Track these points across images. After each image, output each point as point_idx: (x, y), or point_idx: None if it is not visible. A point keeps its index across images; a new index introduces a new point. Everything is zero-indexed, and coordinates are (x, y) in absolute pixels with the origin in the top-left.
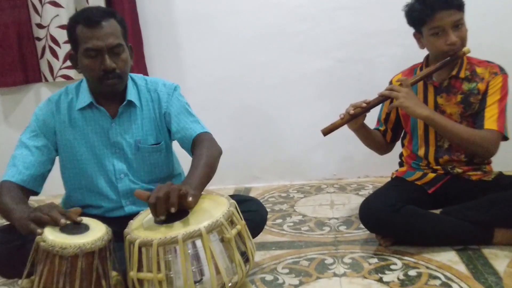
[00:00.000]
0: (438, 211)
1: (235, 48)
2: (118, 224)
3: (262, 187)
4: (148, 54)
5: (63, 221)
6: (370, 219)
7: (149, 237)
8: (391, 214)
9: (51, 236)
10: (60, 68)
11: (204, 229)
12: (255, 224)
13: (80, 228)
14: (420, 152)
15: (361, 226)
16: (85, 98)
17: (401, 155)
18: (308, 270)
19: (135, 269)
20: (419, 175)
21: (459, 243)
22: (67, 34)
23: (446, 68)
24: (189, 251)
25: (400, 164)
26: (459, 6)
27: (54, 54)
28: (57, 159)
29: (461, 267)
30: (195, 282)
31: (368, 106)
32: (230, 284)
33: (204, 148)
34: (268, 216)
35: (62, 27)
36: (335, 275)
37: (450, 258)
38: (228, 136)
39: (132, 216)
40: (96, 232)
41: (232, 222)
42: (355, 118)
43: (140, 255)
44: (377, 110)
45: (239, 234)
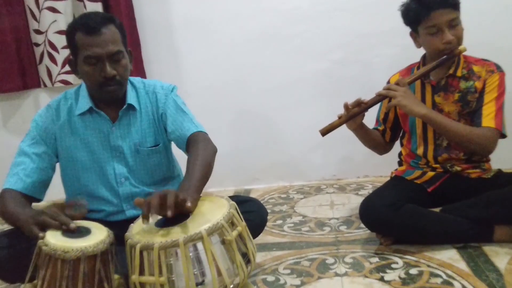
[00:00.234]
0: (438, 209)
1: (233, 51)
2: (119, 227)
3: (262, 188)
4: (146, 58)
5: (73, 225)
6: (371, 218)
7: (150, 240)
8: (391, 213)
9: (53, 240)
10: (59, 74)
11: (205, 231)
12: (256, 224)
13: (81, 232)
14: (419, 151)
15: (361, 226)
16: (84, 103)
17: (400, 154)
18: (309, 270)
19: (137, 272)
20: (418, 173)
21: (460, 241)
22: (66, 40)
23: (443, 67)
24: (190, 254)
25: (399, 163)
26: (454, 5)
27: (53, 59)
28: (57, 165)
29: (462, 265)
30: (197, 285)
31: (366, 105)
32: (232, 286)
33: (199, 148)
34: (268, 217)
35: (60, 32)
36: (337, 274)
37: (450, 256)
38: (227, 138)
39: (133, 219)
40: (98, 235)
41: (232, 224)
42: (353, 118)
43: (142, 258)
44: (375, 110)
45: (240, 235)
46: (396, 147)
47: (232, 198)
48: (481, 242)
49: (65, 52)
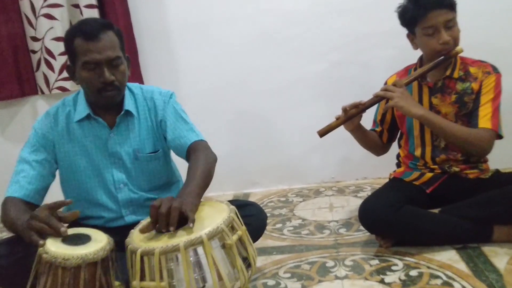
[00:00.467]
0: (437, 210)
1: (230, 54)
2: (119, 233)
3: (261, 192)
4: (143, 63)
5: (63, 229)
6: (370, 220)
7: (150, 246)
8: (391, 214)
9: (53, 247)
10: (56, 80)
11: (205, 236)
12: (256, 228)
13: (82, 239)
14: (417, 153)
15: (361, 228)
16: (82, 109)
17: (398, 155)
18: (309, 274)
19: (138, 278)
20: (416, 175)
21: (459, 242)
22: (65, 46)
23: (440, 69)
24: (191, 259)
25: (398, 165)
26: (451, 5)
27: (50, 66)
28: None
29: (461, 266)
30: None
31: (364, 106)
32: None
33: (200, 157)
34: (268, 220)
35: (57, 39)
36: (337, 277)
37: (450, 257)
38: (225, 142)
39: (133, 225)
40: (98, 242)
41: (232, 228)
42: (351, 119)
43: (142, 264)
44: (372, 111)
45: (240, 239)
46: (394, 149)
47: (231, 202)
48: (480, 242)
49: (62, 59)
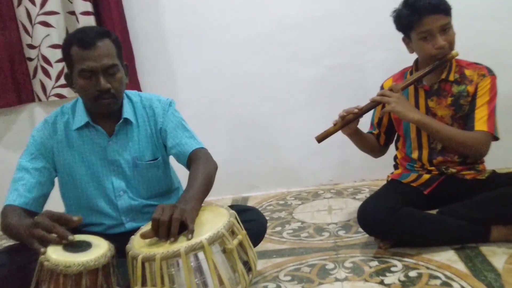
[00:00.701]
0: (435, 212)
1: (226, 60)
2: (119, 240)
3: (260, 195)
4: (140, 70)
5: (71, 237)
6: (369, 222)
7: (151, 251)
8: (389, 216)
9: (55, 255)
10: (53, 87)
11: (206, 241)
12: (256, 233)
13: (82, 246)
14: (414, 155)
15: (360, 230)
16: (81, 117)
17: (395, 157)
18: (310, 276)
19: (139, 284)
20: (414, 176)
21: (457, 242)
22: (62, 54)
23: (435, 72)
24: (192, 264)
25: (395, 167)
26: (446, 10)
27: (47, 73)
28: (56, 179)
29: (460, 266)
30: None
31: (361, 111)
32: None
33: (200, 164)
34: (267, 224)
35: (53, 46)
36: (337, 279)
37: (449, 258)
38: (223, 146)
39: (133, 232)
40: (99, 249)
41: (233, 233)
42: (348, 124)
43: (144, 270)
44: (369, 114)
45: (241, 244)
46: (392, 150)
47: (231, 207)
48: (478, 242)
49: (59, 66)
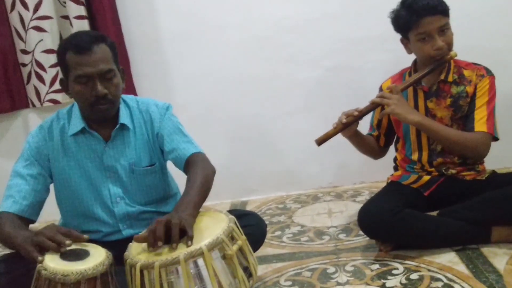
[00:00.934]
0: (435, 213)
1: (224, 62)
2: (117, 247)
3: (259, 199)
4: (135, 74)
5: (68, 242)
6: (369, 225)
7: (150, 259)
8: (390, 219)
9: (52, 263)
10: (47, 93)
11: (205, 247)
12: (255, 238)
13: (80, 254)
14: (414, 157)
15: (360, 233)
16: (77, 123)
17: (395, 159)
18: (311, 281)
19: None
20: (414, 178)
21: (458, 244)
22: (57, 59)
23: (434, 73)
24: (191, 271)
25: (395, 168)
26: (444, 11)
27: (40, 79)
28: (51, 186)
29: (461, 268)
30: None
31: (360, 114)
32: None
33: (198, 169)
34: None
35: (47, 51)
36: (338, 283)
37: (450, 259)
38: (221, 150)
39: (130, 239)
40: (97, 257)
41: (232, 238)
42: (348, 127)
43: (142, 277)
44: (369, 116)
45: (241, 249)
46: (391, 152)
47: (230, 212)
48: (479, 243)
49: (53, 71)
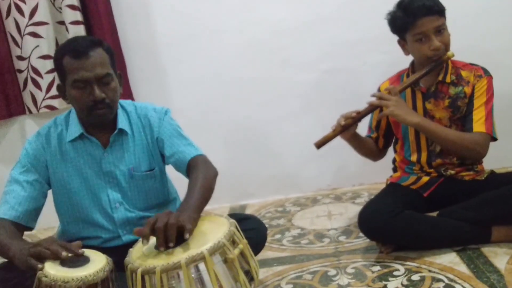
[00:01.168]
0: (435, 214)
1: (220, 66)
2: (117, 253)
3: (258, 203)
4: (132, 79)
5: (64, 254)
6: (369, 227)
7: (151, 264)
8: (390, 220)
9: (52, 270)
10: (44, 99)
11: (206, 251)
12: (256, 241)
13: (80, 261)
14: (413, 158)
15: (360, 235)
16: (75, 129)
17: (394, 160)
18: (312, 284)
19: None
20: (413, 179)
21: (458, 244)
22: (54, 65)
23: (432, 74)
24: (192, 275)
25: (394, 170)
26: (440, 11)
27: (37, 85)
28: (49, 193)
29: (462, 268)
30: None
31: (359, 116)
32: None
33: (200, 171)
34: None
35: (43, 57)
36: (340, 286)
37: (451, 260)
38: (219, 154)
39: (130, 245)
40: (97, 263)
41: (234, 242)
42: (347, 129)
43: (144, 283)
44: (367, 118)
45: (242, 253)
46: (390, 153)
47: (230, 216)
48: (479, 243)
49: (49, 77)
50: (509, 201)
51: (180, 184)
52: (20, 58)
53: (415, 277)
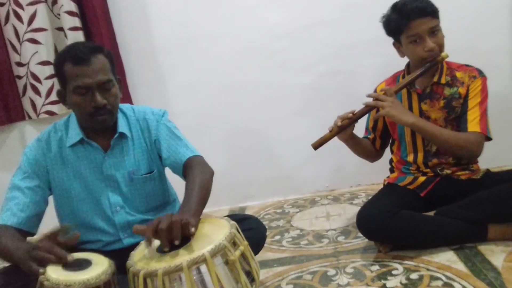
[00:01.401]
0: (432, 213)
1: (218, 71)
2: (118, 256)
3: (257, 205)
4: (131, 84)
5: (70, 258)
6: (368, 227)
7: (153, 267)
8: (388, 220)
9: (55, 274)
10: (43, 105)
11: (208, 253)
12: (256, 242)
13: (82, 264)
14: (409, 158)
15: (359, 235)
16: (75, 134)
17: (391, 161)
18: (312, 284)
19: None
20: (410, 179)
21: (456, 242)
22: (55, 71)
23: (427, 75)
24: (194, 278)
25: (391, 170)
26: (433, 13)
27: (36, 91)
28: (50, 197)
29: (460, 266)
30: None
31: (355, 117)
32: None
33: (196, 172)
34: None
35: (42, 63)
36: (339, 286)
37: (448, 258)
38: (218, 158)
39: (131, 248)
40: (99, 266)
41: (234, 244)
42: (344, 130)
43: (146, 286)
44: (364, 119)
45: (243, 254)
46: (387, 154)
47: (230, 217)
48: (476, 242)
49: (48, 83)
50: (504, 199)
51: (179, 186)
52: (19, 64)
53: (414, 275)
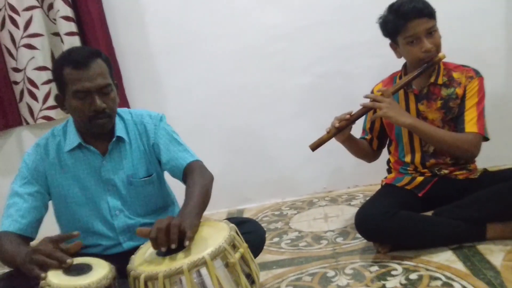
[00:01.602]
0: (430, 213)
1: (215, 72)
2: (118, 260)
3: (255, 207)
4: (127, 86)
5: (69, 261)
6: (366, 228)
7: (153, 270)
8: (386, 221)
9: (56, 279)
10: (41, 110)
11: (208, 256)
12: (255, 244)
13: (83, 269)
14: (407, 159)
15: (357, 236)
16: (73, 139)
17: (388, 161)
18: (311, 285)
19: None
20: (407, 180)
21: (454, 242)
22: (53, 75)
23: (424, 76)
24: (195, 280)
25: (388, 171)
26: (430, 14)
27: (33, 96)
28: (50, 202)
29: (459, 266)
30: None
31: (353, 118)
32: None
33: (196, 177)
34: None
35: (39, 68)
36: (339, 287)
37: (447, 258)
38: (215, 160)
39: (131, 251)
40: (100, 271)
41: (234, 246)
42: (341, 131)
43: None
44: (361, 120)
45: (243, 257)
46: (384, 155)
47: (228, 220)
48: (475, 241)
49: (45, 88)
50: (502, 198)
51: (178, 190)
52: (16, 70)
53: (413, 276)
